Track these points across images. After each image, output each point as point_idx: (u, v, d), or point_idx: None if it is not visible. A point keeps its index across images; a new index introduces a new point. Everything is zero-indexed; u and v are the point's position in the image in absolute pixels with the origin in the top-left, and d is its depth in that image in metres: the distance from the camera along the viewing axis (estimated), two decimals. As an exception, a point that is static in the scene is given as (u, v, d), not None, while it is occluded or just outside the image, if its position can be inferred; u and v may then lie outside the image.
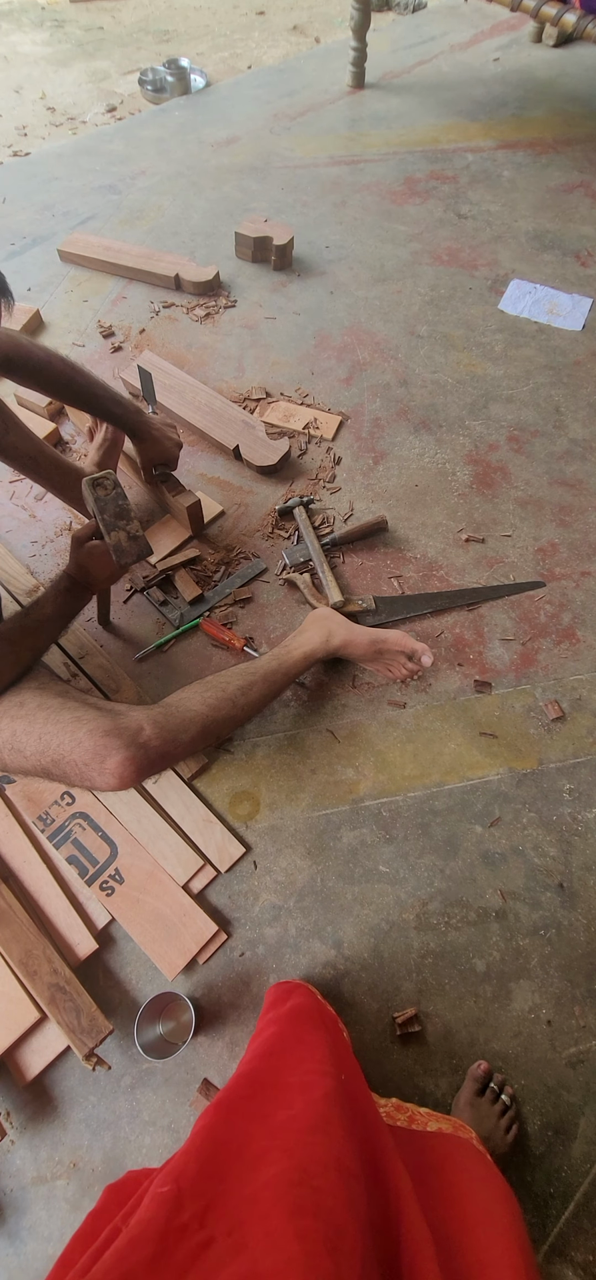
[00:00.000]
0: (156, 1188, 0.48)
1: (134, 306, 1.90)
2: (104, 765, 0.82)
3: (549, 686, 1.22)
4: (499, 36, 3.11)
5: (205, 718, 0.95)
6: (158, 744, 0.86)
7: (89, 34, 3.34)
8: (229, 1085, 0.61)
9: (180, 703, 0.96)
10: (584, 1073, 0.90)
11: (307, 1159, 0.48)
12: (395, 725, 1.18)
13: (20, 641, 0.93)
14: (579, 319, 1.86)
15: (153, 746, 0.86)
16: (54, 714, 0.86)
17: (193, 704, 0.96)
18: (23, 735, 0.86)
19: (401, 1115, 0.73)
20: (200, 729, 0.93)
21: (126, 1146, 0.86)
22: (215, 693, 0.99)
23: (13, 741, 0.86)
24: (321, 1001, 0.82)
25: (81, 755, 0.83)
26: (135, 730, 0.85)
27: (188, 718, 0.93)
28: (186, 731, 0.91)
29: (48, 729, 0.85)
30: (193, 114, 2.65)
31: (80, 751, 0.83)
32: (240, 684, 1.02)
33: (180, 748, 0.90)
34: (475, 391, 1.69)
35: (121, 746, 0.83)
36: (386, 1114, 0.73)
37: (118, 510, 0.99)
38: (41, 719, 0.86)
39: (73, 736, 0.84)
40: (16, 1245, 0.81)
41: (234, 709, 0.99)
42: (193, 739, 0.92)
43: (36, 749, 0.85)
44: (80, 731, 0.84)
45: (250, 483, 1.51)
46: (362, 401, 1.66)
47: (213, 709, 0.96)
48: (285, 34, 3.33)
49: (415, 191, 2.27)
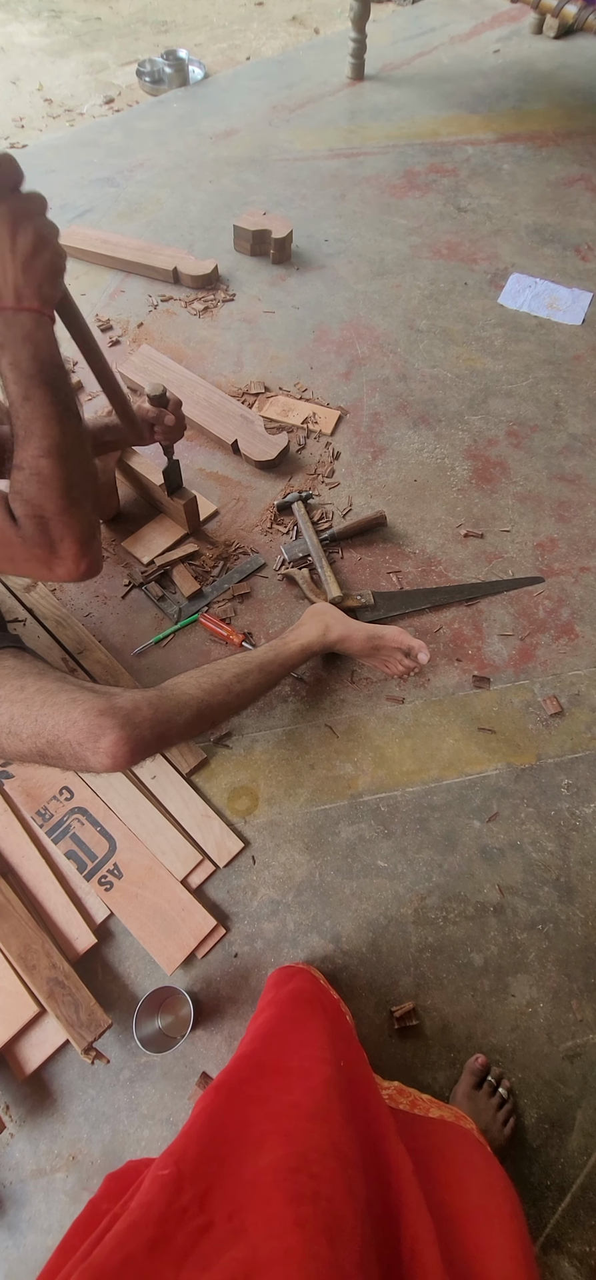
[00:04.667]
0: (157, 1169, 0.48)
1: (132, 300, 1.89)
2: (98, 745, 0.82)
3: (547, 682, 1.22)
4: (499, 28, 3.09)
5: (200, 701, 0.94)
6: (152, 725, 0.86)
7: (86, 24, 3.31)
8: (229, 1067, 0.61)
9: (176, 686, 0.96)
10: (581, 1066, 0.91)
11: (307, 1146, 0.49)
12: (393, 720, 1.18)
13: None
14: (579, 313, 1.86)
15: (147, 727, 0.85)
16: (51, 696, 0.86)
17: (188, 688, 0.96)
18: (20, 719, 0.86)
19: (404, 1099, 0.74)
20: (195, 713, 0.93)
21: (125, 1139, 0.86)
22: (211, 678, 0.99)
23: (11, 725, 0.86)
24: (323, 986, 0.82)
25: (75, 735, 0.82)
26: (130, 710, 0.85)
27: (183, 701, 0.92)
28: (181, 714, 0.91)
29: (44, 711, 0.85)
30: (191, 106, 2.64)
31: (74, 731, 0.82)
32: (236, 672, 1.02)
33: (174, 730, 0.90)
34: (474, 386, 1.68)
35: (116, 726, 0.82)
36: (389, 1097, 0.73)
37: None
38: (39, 701, 0.86)
39: (67, 716, 0.83)
40: (16, 1237, 0.81)
41: (229, 695, 0.99)
42: (187, 722, 0.92)
43: (32, 731, 0.84)
44: (75, 711, 0.83)
45: (249, 478, 1.51)
46: (361, 396, 1.66)
47: (208, 694, 0.96)
48: (284, 25, 3.31)
49: (415, 185, 2.26)
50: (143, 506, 1.44)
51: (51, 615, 1.26)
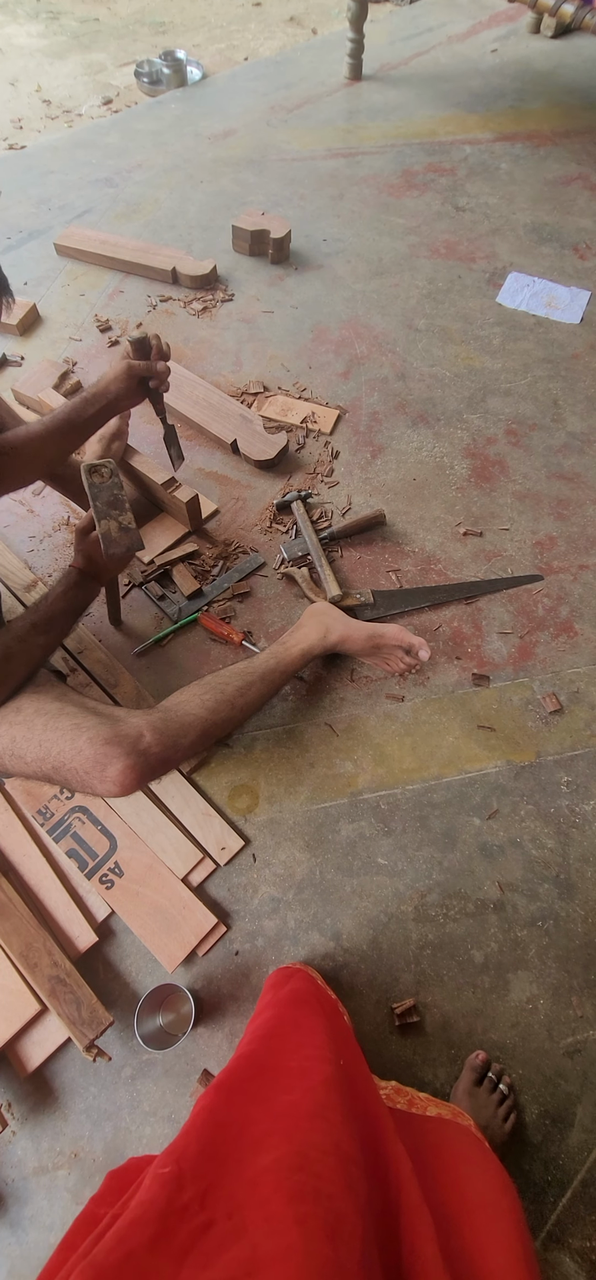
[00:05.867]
0: (157, 1167, 0.48)
1: (131, 300, 1.89)
2: (105, 774, 0.83)
3: (546, 680, 1.23)
4: (497, 28, 3.09)
5: (204, 721, 0.95)
6: (158, 750, 0.87)
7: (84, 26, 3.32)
8: (229, 1067, 0.62)
9: (179, 706, 0.96)
10: (581, 1062, 0.91)
11: (307, 1144, 0.49)
12: (393, 719, 1.18)
13: (31, 639, 0.93)
14: (577, 312, 1.86)
15: (153, 753, 0.86)
16: (52, 720, 0.87)
17: (191, 707, 0.96)
18: (22, 741, 0.86)
19: (401, 1099, 0.74)
20: (199, 733, 0.94)
21: (127, 1137, 0.87)
22: (214, 695, 0.99)
23: (13, 747, 0.87)
24: (321, 986, 0.82)
25: (82, 764, 0.83)
26: (135, 738, 0.86)
27: (187, 722, 0.93)
28: (186, 736, 0.92)
29: (47, 735, 0.85)
30: (189, 106, 2.64)
31: (81, 760, 0.83)
32: (239, 685, 1.02)
33: (180, 752, 0.91)
34: (473, 385, 1.69)
35: (122, 755, 0.83)
36: (386, 1096, 0.73)
37: (111, 499, 0.97)
38: (40, 725, 0.86)
39: (73, 744, 0.84)
40: (18, 1234, 0.81)
41: (232, 710, 1.00)
42: (192, 743, 0.93)
43: (37, 755, 0.85)
44: (80, 739, 0.84)
45: (248, 477, 1.51)
46: (360, 395, 1.66)
47: (212, 712, 0.97)
48: (282, 25, 3.31)
49: (413, 184, 2.26)
50: (143, 506, 1.44)
51: (51, 615, 1.26)
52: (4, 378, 1.69)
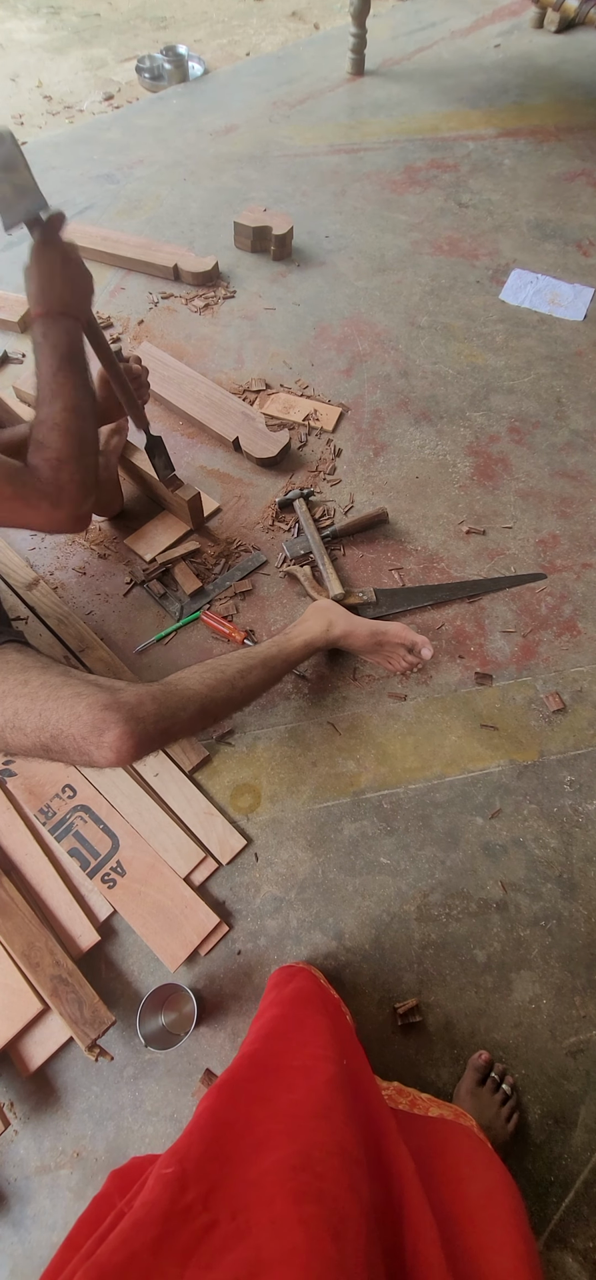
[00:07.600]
0: (160, 1168, 0.48)
1: (132, 297, 1.88)
2: (102, 739, 0.82)
3: (550, 678, 1.22)
4: (500, 22, 3.08)
5: (204, 697, 0.95)
6: (156, 720, 0.86)
7: (85, 21, 3.30)
8: (232, 1067, 0.61)
9: (179, 681, 0.96)
10: (584, 1062, 0.91)
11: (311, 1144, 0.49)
12: (396, 717, 1.18)
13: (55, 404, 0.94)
14: (580, 309, 1.85)
15: (151, 722, 0.85)
16: (55, 690, 0.86)
17: (192, 683, 0.96)
18: (24, 713, 0.86)
19: (403, 1099, 0.74)
20: (199, 708, 0.93)
21: (129, 1136, 0.87)
22: (215, 674, 0.99)
23: (15, 720, 0.86)
24: (324, 986, 0.82)
25: (79, 729, 0.82)
26: (134, 705, 0.85)
27: (186, 696, 0.92)
28: (185, 710, 0.91)
29: (49, 705, 0.85)
30: (190, 102, 2.63)
31: (78, 725, 0.82)
32: (239, 667, 1.02)
33: (178, 725, 0.90)
34: (476, 382, 1.68)
35: (120, 720, 0.82)
36: (388, 1097, 0.73)
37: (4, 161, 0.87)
38: (43, 696, 0.86)
39: (71, 710, 0.83)
40: (21, 1234, 0.81)
41: (232, 691, 0.99)
42: (191, 718, 0.92)
43: (36, 725, 0.85)
44: (79, 705, 0.83)
45: (250, 475, 1.51)
46: (363, 393, 1.66)
47: (211, 689, 0.96)
48: (284, 20, 3.30)
49: (415, 180, 2.25)
50: (145, 504, 1.44)
51: (53, 613, 1.26)
52: (5, 375, 1.69)
